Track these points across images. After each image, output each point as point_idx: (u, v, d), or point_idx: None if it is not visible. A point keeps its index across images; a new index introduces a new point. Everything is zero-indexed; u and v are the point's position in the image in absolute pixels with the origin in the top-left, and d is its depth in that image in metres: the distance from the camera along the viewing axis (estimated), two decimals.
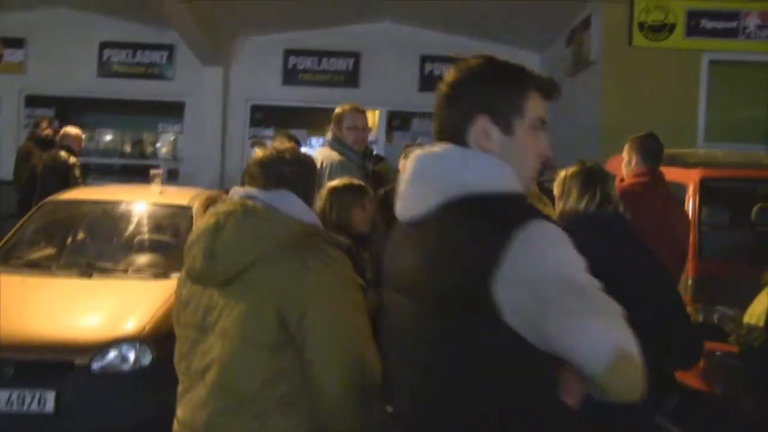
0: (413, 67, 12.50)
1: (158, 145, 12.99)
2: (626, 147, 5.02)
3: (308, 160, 2.53)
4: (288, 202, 2.32)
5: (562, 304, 1.49)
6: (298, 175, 2.41)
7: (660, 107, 8.93)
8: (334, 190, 3.85)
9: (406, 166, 1.78)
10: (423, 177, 1.70)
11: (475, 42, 12.04)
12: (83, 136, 8.83)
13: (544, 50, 12.02)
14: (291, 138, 8.30)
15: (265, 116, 12.83)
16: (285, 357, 2.15)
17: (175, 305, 2.49)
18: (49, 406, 4.47)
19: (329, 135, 4.86)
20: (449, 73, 1.77)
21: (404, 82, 12.38)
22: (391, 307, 1.80)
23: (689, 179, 5.75)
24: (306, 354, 2.14)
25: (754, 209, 6.34)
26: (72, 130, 8.39)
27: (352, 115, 4.88)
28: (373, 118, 12.40)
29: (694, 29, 9.02)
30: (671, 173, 6.07)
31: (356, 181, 4.12)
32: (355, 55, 12.45)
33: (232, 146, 12.49)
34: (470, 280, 1.52)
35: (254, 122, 12.78)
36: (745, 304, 5.04)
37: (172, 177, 11.86)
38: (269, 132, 12.74)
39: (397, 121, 12.89)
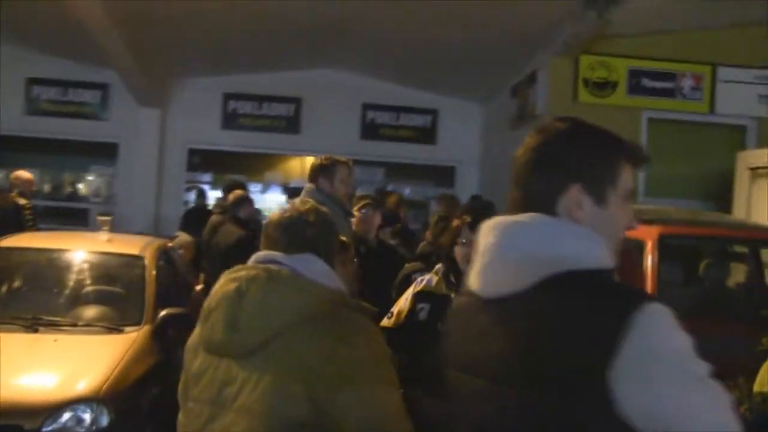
0: (355, 115, 12.49)
1: (90, 187, 12.51)
2: None
3: (330, 221, 2.40)
4: (313, 268, 2.18)
5: (684, 395, 1.39)
6: (320, 237, 2.28)
7: None
8: None
9: (483, 236, 1.63)
10: (513, 251, 1.56)
11: (418, 92, 12.24)
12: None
13: (488, 103, 12.19)
14: (238, 185, 8.12)
15: (203, 160, 12.56)
16: None
17: (183, 376, 2.27)
18: None
19: (311, 186, 4.66)
20: (534, 137, 1.64)
21: (346, 130, 12.34)
22: (463, 392, 1.64)
23: (647, 236, 5.81)
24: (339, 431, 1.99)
25: (702, 265, 6.49)
26: (24, 174, 8.38)
27: (347, 168, 4.75)
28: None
29: (635, 88, 9.29)
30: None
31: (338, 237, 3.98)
32: (297, 101, 12.35)
33: (169, 190, 12.15)
34: (582, 367, 1.40)
35: (192, 166, 12.50)
36: (704, 359, 5.12)
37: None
38: (207, 177, 12.48)
39: None
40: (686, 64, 9.32)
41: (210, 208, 11.44)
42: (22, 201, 7.73)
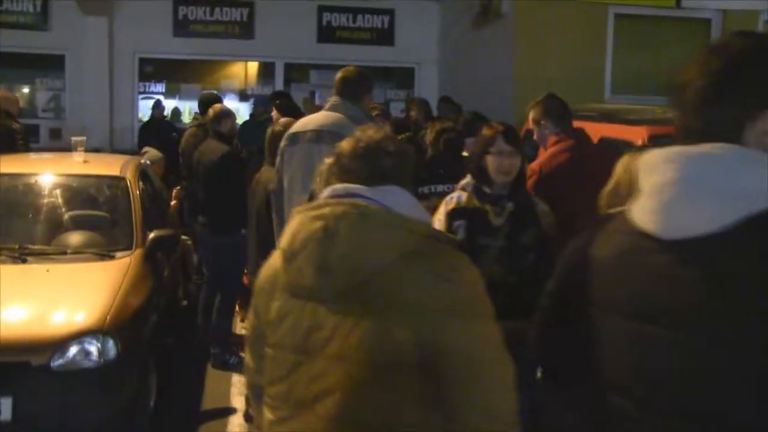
0: (310, 18, 12.07)
1: (37, 101, 11.90)
2: (531, 117, 4.64)
3: (409, 151, 2.22)
4: (400, 200, 2.00)
5: None
6: (400, 167, 2.09)
7: (570, 61, 9.06)
8: None
9: (657, 169, 1.48)
10: (705, 187, 1.41)
11: None
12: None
13: (446, 1, 11.90)
14: (215, 98, 7.85)
15: (156, 70, 12.04)
16: (418, 380, 1.87)
17: (254, 319, 2.12)
18: (6, 412, 4.00)
19: (337, 100, 4.37)
20: (712, 58, 1.47)
21: (301, 33, 11.94)
22: (629, 339, 1.53)
23: (637, 136, 5.82)
24: (445, 377, 1.87)
25: None
26: (6, 92, 7.81)
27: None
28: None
29: None
30: (612, 130, 6.14)
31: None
32: (250, 5, 11.84)
33: (121, 102, 11.68)
34: None
35: (143, 77, 11.96)
36: None
37: (55, 136, 11.01)
38: (160, 87, 12.02)
39: (296, 74, 12.46)
40: None
41: (167, 118, 11.14)
42: (15, 125, 7.24)
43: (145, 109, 11.51)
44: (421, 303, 1.87)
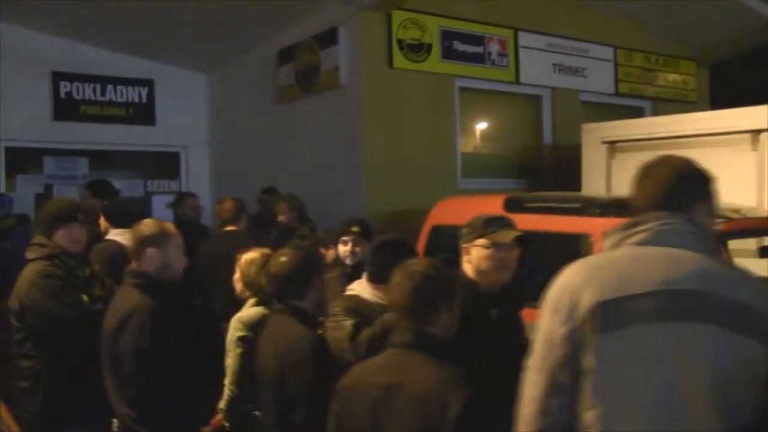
0: (43, 88, 9.10)
1: None
2: None
3: None
4: None
5: None
6: None
7: (422, 138, 7.80)
8: None
9: None
10: None
11: (129, 58, 9.49)
12: None
13: (216, 71, 9.90)
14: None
15: None
16: None
17: None
18: None
19: (679, 222, 2.20)
20: None
21: (31, 108, 8.94)
22: None
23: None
24: None
25: None
26: None
27: None
28: None
29: (448, 51, 8.03)
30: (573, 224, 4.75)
31: None
32: None
33: None
34: None
35: None
36: None
37: None
38: None
39: (23, 162, 9.28)
40: (492, 26, 8.35)
41: None
42: None
43: None
44: None
